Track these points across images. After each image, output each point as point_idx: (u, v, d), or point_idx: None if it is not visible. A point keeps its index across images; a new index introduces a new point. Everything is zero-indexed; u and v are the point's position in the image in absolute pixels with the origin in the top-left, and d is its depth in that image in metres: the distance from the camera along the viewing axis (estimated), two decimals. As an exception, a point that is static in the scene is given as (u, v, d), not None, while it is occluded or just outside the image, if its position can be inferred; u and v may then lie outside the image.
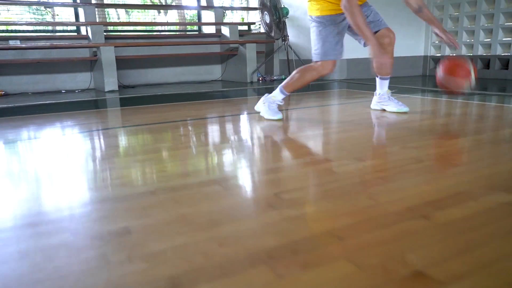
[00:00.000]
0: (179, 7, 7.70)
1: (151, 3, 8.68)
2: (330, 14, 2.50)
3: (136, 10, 7.25)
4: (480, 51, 5.55)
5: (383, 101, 2.87)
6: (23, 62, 4.89)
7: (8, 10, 5.74)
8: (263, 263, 0.84)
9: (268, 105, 2.67)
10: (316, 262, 0.85)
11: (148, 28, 6.97)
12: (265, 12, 5.30)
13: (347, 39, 3.06)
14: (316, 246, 0.92)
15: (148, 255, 0.90)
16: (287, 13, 5.47)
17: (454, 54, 4.50)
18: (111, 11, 7.86)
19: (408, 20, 6.07)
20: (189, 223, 1.07)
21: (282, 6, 5.38)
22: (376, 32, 2.58)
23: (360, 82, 5.18)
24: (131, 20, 7.44)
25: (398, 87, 4.28)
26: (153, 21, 7.34)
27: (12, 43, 4.87)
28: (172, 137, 2.28)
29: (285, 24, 5.47)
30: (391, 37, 2.66)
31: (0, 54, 4.79)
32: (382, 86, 2.86)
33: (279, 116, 2.61)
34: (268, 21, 5.31)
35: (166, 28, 6.96)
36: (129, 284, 0.79)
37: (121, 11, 7.89)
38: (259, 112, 2.76)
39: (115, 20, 7.99)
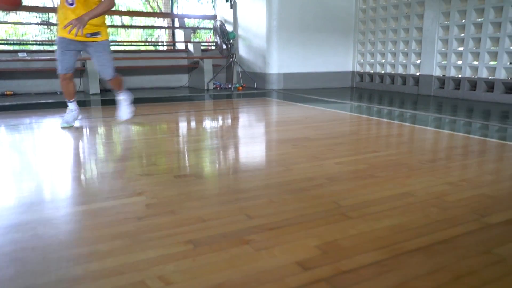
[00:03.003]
0: (157, 27, 9.26)
1: (138, 24, 10.28)
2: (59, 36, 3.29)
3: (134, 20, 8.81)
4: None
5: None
6: (28, 70, 6.44)
7: (22, 25, 7.29)
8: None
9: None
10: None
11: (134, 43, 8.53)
12: (217, 35, 6.85)
13: (284, 58, 4.47)
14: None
15: (70, 158, 2.43)
16: (234, 36, 7.02)
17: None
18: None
19: (338, 42, 7.63)
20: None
21: (229, 31, 6.92)
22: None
23: (286, 92, 6.68)
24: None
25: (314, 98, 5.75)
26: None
27: (20, 55, 6.43)
28: (112, 125, 3.81)
29: (232, 45, 7.02)
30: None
31: (11, 63, 6.33)
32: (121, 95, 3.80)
33: (64, 124, 3.50)
34: (219, 42, 6.85)
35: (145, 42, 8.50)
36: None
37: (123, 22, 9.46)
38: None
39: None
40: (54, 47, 8.06)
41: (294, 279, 1.11)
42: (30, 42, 7.31)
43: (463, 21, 5.78)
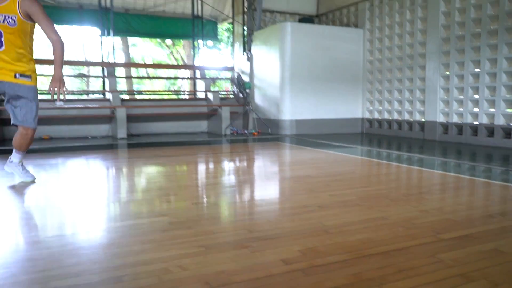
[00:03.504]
0: (180, 78, 10.05)
1: (163, 76, 11.13)
2: None
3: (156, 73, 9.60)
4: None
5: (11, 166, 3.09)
6: (64, 117, 7.14)
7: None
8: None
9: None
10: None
11: (159, 92, 9.27)
12: (234, 85, 7.49)
13: (296, 105, 4.97)
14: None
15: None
16: (249, 86, 7.65)
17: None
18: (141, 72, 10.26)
19: (347, 91, 8.16)
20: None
21: (246, 82, 7.56)
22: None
23: (298, 137, 7.15)
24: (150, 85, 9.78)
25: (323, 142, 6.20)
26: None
27: (58, 104, 7.15)
28: (138, 164, 4.31)
29: (248, 94, 7.63)
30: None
31: (49, 111, 7.04)
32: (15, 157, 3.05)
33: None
34: (236, 91, 7.47)
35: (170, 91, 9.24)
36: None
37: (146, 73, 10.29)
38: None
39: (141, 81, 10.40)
40: (85, 96, 8.89)
41: (277, 269, 1.50)
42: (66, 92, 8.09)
43: (462, 71, 6.24)
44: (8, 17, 2.74)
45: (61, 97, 2.81)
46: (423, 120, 6.98)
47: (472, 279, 1.42)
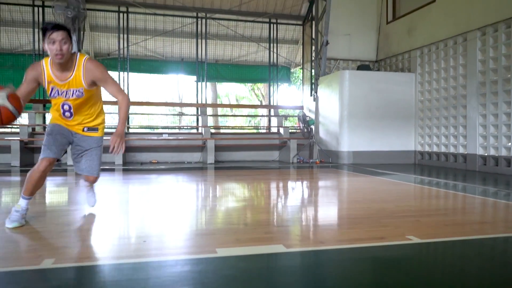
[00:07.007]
0: (257, 115, 11.94)
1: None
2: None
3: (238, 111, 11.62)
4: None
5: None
6: (167, 146, 9.31)
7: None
8: (224, 191, 4.56)
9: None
10: (234, 192, 4.54)
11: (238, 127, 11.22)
12: (300, 122, 9.12)
13: (353, 139, 6.52)
14: (237, 191, 4.60)
15: (205, 190, 4.67)
16: (313, 123, 9.23)
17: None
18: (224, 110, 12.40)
19: (401, 126, 9.38)
20: (215, 189, 4.82)
21: (310, 119, 9.16)
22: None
23: (354, 166, 8.49)
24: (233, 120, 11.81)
25: (383, 172, 7.53)
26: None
27: (164, 136, 9.36)
28: (226, 179, 6.05)
29: (312, 129, 9.21)
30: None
31: (157, 141, 9.25)
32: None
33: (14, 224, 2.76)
34: (301, 127, 9.09)
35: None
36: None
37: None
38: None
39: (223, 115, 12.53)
40: (183, 131, 11.15)
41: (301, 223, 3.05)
42: (160, 127, 10.36)
43: (496, 111, 7.22)
44: (76, 91, 2.83)
45: (120, 151, 2.87)
46: (465, 152, 7.95)
47: (386, 225, 2.84)
